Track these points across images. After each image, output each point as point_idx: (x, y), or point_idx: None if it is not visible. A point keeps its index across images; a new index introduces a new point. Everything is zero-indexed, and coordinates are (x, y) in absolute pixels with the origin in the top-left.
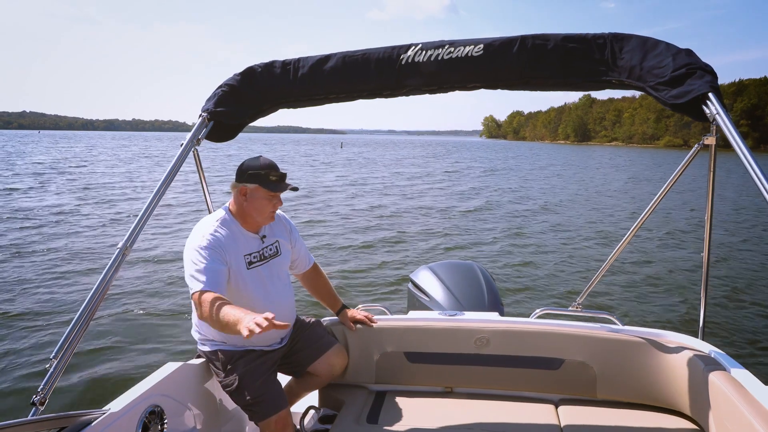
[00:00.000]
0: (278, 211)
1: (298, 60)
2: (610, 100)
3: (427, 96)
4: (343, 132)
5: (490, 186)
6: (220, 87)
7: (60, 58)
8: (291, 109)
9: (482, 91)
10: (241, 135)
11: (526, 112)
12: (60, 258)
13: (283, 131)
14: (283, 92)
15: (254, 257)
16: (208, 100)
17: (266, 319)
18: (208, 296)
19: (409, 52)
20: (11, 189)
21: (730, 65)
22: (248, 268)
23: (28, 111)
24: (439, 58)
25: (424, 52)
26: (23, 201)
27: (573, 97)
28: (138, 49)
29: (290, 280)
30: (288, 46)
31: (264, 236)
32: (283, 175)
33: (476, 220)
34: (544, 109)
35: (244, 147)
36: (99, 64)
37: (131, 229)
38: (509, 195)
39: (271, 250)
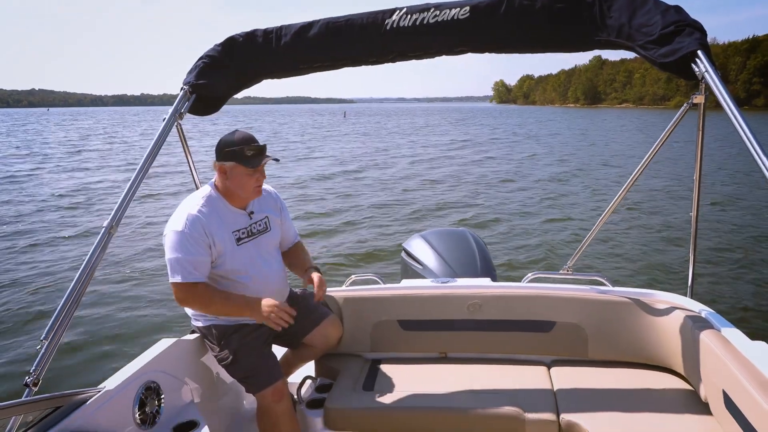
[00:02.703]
0: (268, 188)
1: (281, 28)
2: (622, 60)
3: (436, 62)
4: (352, 101)
5: (483, 152)
6: (200, 59)
7: (66, 35)
8: (277, 80)
9: (493, 54)
10: (248, 108)
11: (536, 75)
12: (53, 236)
13: (292, 102)
14: (265, 62)
15: (242, 233)
16: (189, 72)
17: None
18: (196, 288)
19: (394, 17)
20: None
21: (748, 20)
22: (238, 245)
23: (37, 89)
24: (425, 22)
25: (408, 16)
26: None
27: (583, 58)
28: (143, 22)
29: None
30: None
31: (252, 212)
32: (261, 148)
33: (468, 186)
34: (554, 72)
35: (262, 118)
36: (105, 38)
37: (116, 207)
38: (502, 161)
39: (260, 225)
